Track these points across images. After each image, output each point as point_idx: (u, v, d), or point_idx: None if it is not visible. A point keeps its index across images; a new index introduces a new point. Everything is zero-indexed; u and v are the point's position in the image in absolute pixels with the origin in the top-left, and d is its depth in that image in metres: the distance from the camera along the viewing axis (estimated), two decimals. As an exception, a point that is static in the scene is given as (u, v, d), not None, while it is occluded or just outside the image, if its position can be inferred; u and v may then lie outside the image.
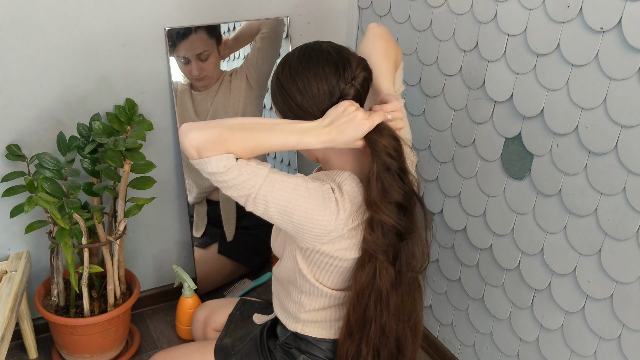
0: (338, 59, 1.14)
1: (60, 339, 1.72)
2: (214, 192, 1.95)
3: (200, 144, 1.04)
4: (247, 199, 1.08)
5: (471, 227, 1.65)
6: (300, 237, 1.14)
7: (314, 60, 1.14)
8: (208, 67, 1.82)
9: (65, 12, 1.59)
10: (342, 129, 1.08)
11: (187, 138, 1.05)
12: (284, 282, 1.30)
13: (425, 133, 1.75)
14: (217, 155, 1.05)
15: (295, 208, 1.09)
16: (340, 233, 1.12)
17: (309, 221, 1.10)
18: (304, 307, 1.27)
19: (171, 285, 2.08)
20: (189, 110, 1.83)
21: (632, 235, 1.22)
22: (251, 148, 1.07)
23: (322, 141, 1.09)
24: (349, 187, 1.14)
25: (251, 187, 1.07)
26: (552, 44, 1.30)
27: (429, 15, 1.65)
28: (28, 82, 1.61)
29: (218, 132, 1.05)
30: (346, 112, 1.09)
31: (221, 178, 1.06)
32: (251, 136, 1.07)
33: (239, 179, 1.06)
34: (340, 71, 1.12)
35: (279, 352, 1.34)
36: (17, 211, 1.55)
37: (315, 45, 1.17)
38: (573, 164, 1.31)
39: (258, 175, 1.07)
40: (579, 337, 1.38)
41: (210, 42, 1.79)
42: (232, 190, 1.08)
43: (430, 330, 1.92)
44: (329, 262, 1.18)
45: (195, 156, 1.06)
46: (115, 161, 1.57)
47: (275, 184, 1.08)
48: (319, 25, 1.98)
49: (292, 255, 1.22)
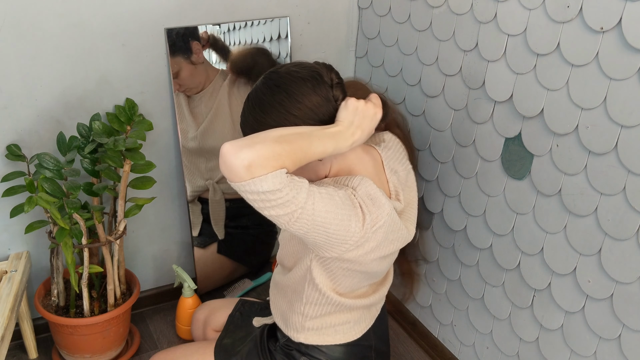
0: (306, 73, 1.13)
1: (60, 339, 1.72)
2: (206, 191, 1.94)
3: (253, 161, 0.97)
4: (291, 217, 1.02)
5: (471, 227, 1.65)
6: (329, 246, 1.10)
7: (289, 84, 1.11)
8: (183, 82, 1.80)
9: (65, 12, 1.59)
10: (364, 126, 1.11)
11: (238, 158, 0.96)
12: (287, 292, 1.29)
13: (425, 133, 1.75)
14: (271, 172, 0.98)
15: (333, 218, 1.05)
16: (367, 237, 1.11)
17: (343, 230, 1.07)
18: (308, 316, 1.26)
19: (171, 285, 2.08)
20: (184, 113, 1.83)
21: (632, 235, 1.22)
22: (300, 158, 1.03)
23: (350, 144, 1.10)
24: (367, 189, 1.12)
25: (297, 203, 1.01)
26: (552, 44, 1.30)
27: (429, 15, 1.65)
28: (28, 82, 1.61)
29: (269, 146, 0.98)
30: (358, 109, 1.11)
31: (273, 196, 0.99)
32: (299, 147, 1.02)
33: (290, 195, 1.00)
34: (319, 80, 1.12)
35: (279, 353, 1.34)
36: (17, 211, 1.55)
37: (274, 74, 1.14)
38: (573, 164, 1.31)
39: (302, 190, 1.02)
40: (579, 337, 1.38)
41: (173, 61, 1.76)
42: (277, 209, 1.01)
43: (430, 330, 1.92)
44: (349, 268, 1.17)
45: (246, 176, 0.97)
46: (115, 161, 1.57)
47: (316, 196, 1.04)
48: (319, 25, 1.98)
49: (304, 266, 1.20)
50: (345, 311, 1.27)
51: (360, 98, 1.15)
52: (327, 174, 1.21)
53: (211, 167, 1.92)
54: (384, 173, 1.25)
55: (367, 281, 1.26)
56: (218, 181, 1.94)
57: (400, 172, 1.29)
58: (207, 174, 1.92)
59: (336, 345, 1.30)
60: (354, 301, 1.26)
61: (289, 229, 1.05)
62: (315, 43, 1.99)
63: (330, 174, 1.21)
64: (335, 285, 1.21)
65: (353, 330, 1.32)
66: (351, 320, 1.30)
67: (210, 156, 1.91)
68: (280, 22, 1.90)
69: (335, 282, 1.20)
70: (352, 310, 1.29)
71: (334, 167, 1.20)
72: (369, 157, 1.23)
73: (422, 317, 1.95)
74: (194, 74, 1.82)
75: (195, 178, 1.91)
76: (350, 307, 1.27)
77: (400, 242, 1.20)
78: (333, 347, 1.30)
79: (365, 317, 1.34)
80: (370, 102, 1.15)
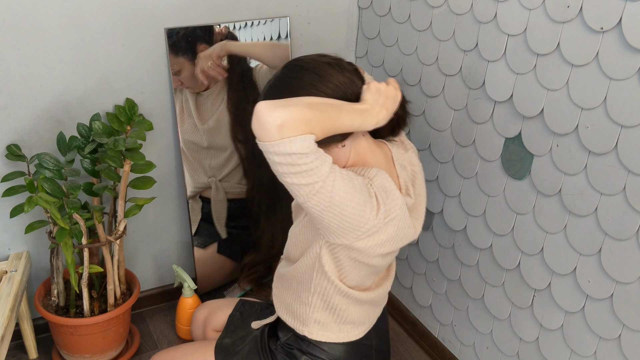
0: (329, 59, 1.18)
1: (60, 339, 1.72)
2: (207, 189, 1.95)
3: (285, 121, 0.98)
4: (312, 189, 1.04)
5: (471, 227, 1.65)
6: (341, 232, 1.12)
7: (317, 68, 1.16)
8: (184, 81, 1.80)
9: (65, 12, 1.59)
10: (388, 106, 1.15)
11: (271, 116, 0.98)
12: (292, 284, 1.30)
13: (425, 133, 1.75)
14: (302, 134, 1.00)
15: (350, 201, 1.07)
16: (379, 227, 1.13)
17: (358, 215, 1.09)
18: (315, 307, 1.26)
19: (171, 285, 2.08)
20: (190, 108, 1.83)
21: (632, 235, 1.22)
22: (329, 128, 1.05)
23: (375, 122, 1.13)
24: (382, 181, 1.15)
25: (320, 174, 1.03)
26: (552, 44, 1.30)
27: (429, 15, 1.65)
28: (28, 82, 1.61)
29: (302, 110, 1.01)
30: (381, 91, 1.15)
31: (300, 160, 1.01)
32: (328, 116, 1.05)
33: (314, 164, 1.02)
34: (340, 64, 1.18)
35: (280, 352, 1.34)
36: (17, 211, 1.55)
37: (298, 62, 1.19)
38: (573, 164, 1.31)
39: (326, 163, 1.04)
40: (579, 337, 1.38)
41: (178, 61, 1.77)
42: (299, 177, 1.03)
43: (430, 330, 1.92)
44: (357, 259, 1.18)
45: (277, 136, 0.99)
46: (115, 161, 1.57)
47: (337, 174, 1.06)
48: (319, 25, 1.98)
49: (314, 254, 1.21)
50: (350, 306, 1.27)
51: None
52: (345, 164, 1.22)
53: (215, 164, 1.92)
54: (394, 168, 1.26)
55: (372, 276, 1.27)
56: (221, 179, 1.94)
57: (408, 169, 1.30)
58: (210, 172, 1.92)
59: (337, 344, 1.31)
60: (360, 294, 1.26)
61: (306, 202, 1.06)
62: (315, 43, 1.99)
63: (347, 165, 1.23)
64: (342, 276, 1.22)
65: (357, 330, 1.32)
66: (356, 319, 1.30)
67: (215, 153, 1.91)
68: (280, 22, 1.90)
69: (342, 272, 1.21)
70: (357, 305, 1.29)
71: (351, 158, 1.22)
72: (380, 151, 1.26)
73: (422, 317, 1.95)
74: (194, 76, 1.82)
75: (198, 174, 1.91)
76: (355, 301, 1.27)
77: (407, 239, 1.22)
78: (334, 346, 1.30)
79: (370, 316, 1.34)
80: (390, 84, 1.19)
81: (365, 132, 1.22)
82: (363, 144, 1.22)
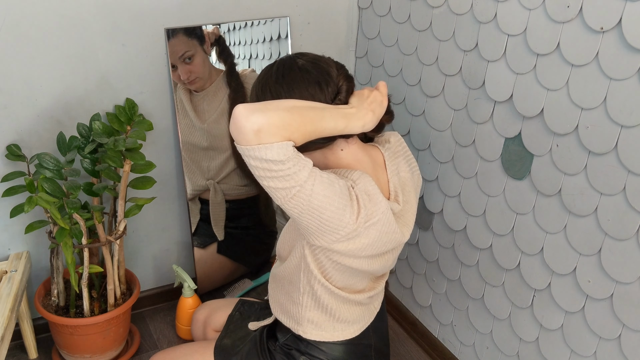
0: (317, 75, 1.14)
1: (60, 339, 1.72)
2: (206, 191, 1.95)
3: (263, 127, 0.97)
4: (288, 193, 1.03)
5: (471, 227, 1.65)
6: (320, 234, 1.11)
7: (294, 82, 1.14)
8: (195, 69, 1.80)
9: (65, 12, 1.59)
10: (375, 110, 1.15)
11: (249, 121, 0.97)
12: (284, 284, 1.30)
13: (425, 133, 1.75)
14: (280, 141, 0.99)
15: (329, 204, 1.06)
16: (358, 232, 1.11)
17: (337, 219, 1.08)
18: (307, 307, 1.26)
19: (171, 285, 2.08)
20: (186, 109, 1.83)
21: (632, 235, 1.22)
22: (310, 132, 1.04)
23: (362, 125, 1.12)
24: (365, 185, 1.13)
25: (298, 179, 1.02)
26: (552, 44, 1.30)
27: (429, 15, 1.65)
28: (28, 82, 1.61)
29: (280, 115, 0.99)
30: (370, 97, 1.15)
31: (277, 167, 1.00)
32: (309, 120, 1.03)
33: (292, 169, 1.01)
34: (324, 88, 1.14)
35: (279, 353, 1.34)
36: (17, 211, 1.55)
37: (292, 62, 1.16)
38: (573, 164, 1.31)
39: (305, 168, 1.03)
40: (579, 337, 1.38)
41: (191, 43, 1.76)
42: (276, 182, 1.02)
43: (430, 330, 1.92)
44: (338, 261, 1.17)
45: (254, 141, 0.98)
46: (115, 161, 1.57)
47: (317, 179, 1.05)
48: (319, 25, 1.98)
49: (299, 253, 1.21)
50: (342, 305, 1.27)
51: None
52: (327, 167, 1.22)
53: (213, 166, 1.92)
54: (385, 173, 1.25)
55: (357, 279, 1.25)
56: (219, 181, 1.94)
57: (402, 174, 1.28)
58: (208, 173, 1.92)
59: (336, 344, 1.30)
60: (351, 295, 1.26)
61: (284, 205, 1.06)
62: (315, 43, 1.99)
63: (329, 167, 1.22)
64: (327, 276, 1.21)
65: (351, 328, 1.32)
66: (350, 317, 1.30)
67: (213, 154, 1.91)
68: (280, 22, 1.90)
69: (325, 273, 1.20)
70: (349, 305, 1.28)
71: (335, 162, 1.21)
72: (367, 159, 1.23)
73: (422, 317, 1.95)
74: (206, 64, 1.82)
75: (196, 176, 1.90)
76: (346, 300, 1.26)
77: (392, 244, 1.20)
78: (332, 346, 1.30)
79: (364, 314, 1.34)
80: (377, 90, 1.19)
81: (354, 137, 1.21)
82: (344, 155, 1.20)
